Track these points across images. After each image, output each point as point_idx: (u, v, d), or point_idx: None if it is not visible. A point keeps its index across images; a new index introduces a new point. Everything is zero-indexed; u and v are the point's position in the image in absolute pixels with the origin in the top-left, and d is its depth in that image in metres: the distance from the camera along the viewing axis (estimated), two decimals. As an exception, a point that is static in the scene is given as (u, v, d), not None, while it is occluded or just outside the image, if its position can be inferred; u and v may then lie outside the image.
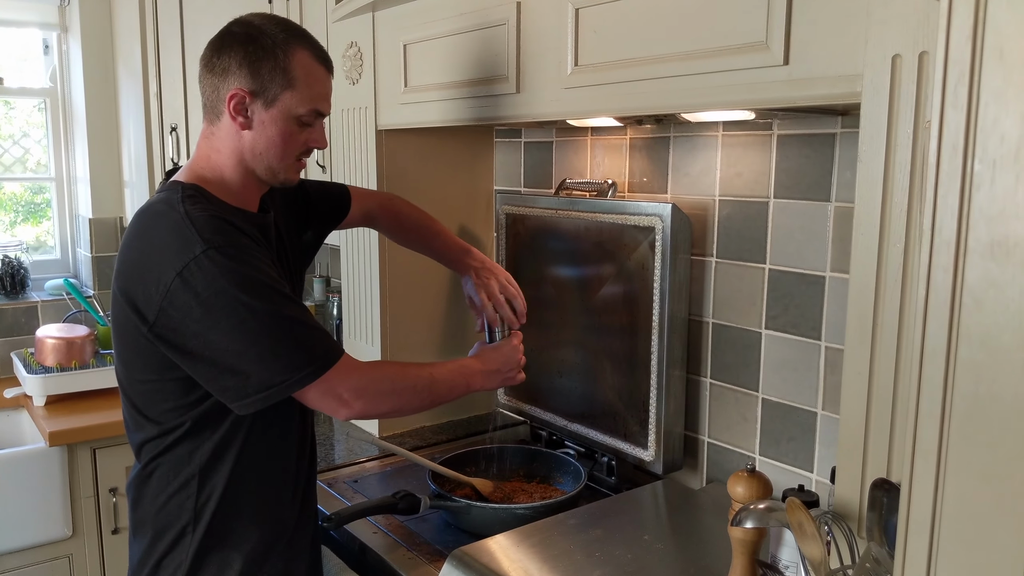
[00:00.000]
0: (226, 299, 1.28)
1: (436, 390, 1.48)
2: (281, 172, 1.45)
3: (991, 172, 0.69)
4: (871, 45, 0.98)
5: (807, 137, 1.55)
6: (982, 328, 0.70)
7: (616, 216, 1.79)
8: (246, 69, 1.38)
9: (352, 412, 1.38)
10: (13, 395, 2.89)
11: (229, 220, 1.36)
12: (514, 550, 1.44)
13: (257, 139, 1.41)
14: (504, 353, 1.63)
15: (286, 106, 1.40)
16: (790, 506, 1.01)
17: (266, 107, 1.39)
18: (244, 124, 1.40)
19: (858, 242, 1.02)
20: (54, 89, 3.48)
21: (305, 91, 1.41)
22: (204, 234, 1.29)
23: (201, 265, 1.27)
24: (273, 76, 1.38)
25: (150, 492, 1.44)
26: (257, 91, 1.38)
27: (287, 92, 1.39)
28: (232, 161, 1.43)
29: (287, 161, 1.44)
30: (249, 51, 1.38)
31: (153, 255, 1.32)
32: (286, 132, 1.41)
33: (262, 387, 1.31)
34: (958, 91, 0.71)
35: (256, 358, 1.30)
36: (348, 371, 1.37)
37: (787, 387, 1.63)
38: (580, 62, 1.48)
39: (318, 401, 1.37)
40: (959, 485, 0.73)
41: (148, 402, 1.41)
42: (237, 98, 1.38)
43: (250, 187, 1.47)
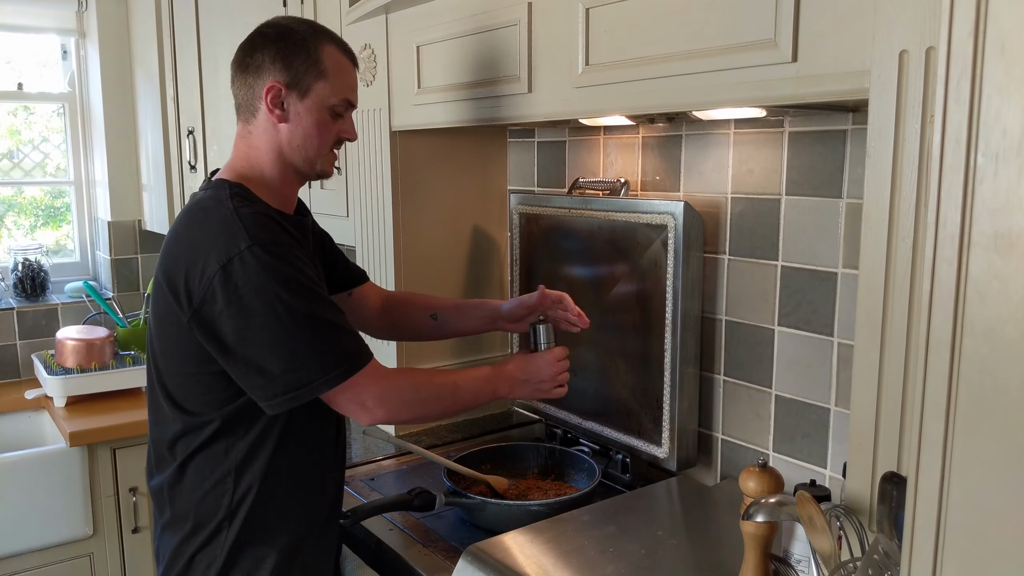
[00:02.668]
0: (265, 296, 1.31)
1: (460, 397, 1.50)
2: (318, 162, 1.50)
3: (994, 165, 0.69)
4: (878, 41, 0.98)
5: (818, 134, 1.56)
6: (986, 320, 0.71)
7: (629, 215, 1.80)
8: (280, 63, 1.44)
9: (374, 418, 1.40)
10: (34, 396, 2.92)
11: (274, 218, 1.40)
12: (529, 546, 1.45)
13: (294, 131, 1.46)
14: (541, 363, 1.59)
15: (320, 96, 1.45)
16: (800, 500, 1.01)
17: (301, 98, 1.44)
18: (281, 117, 1.45)
19: (867, 237, 1.02)
20: (72, 94, 3.52)
21: (336, 81, 1.46)
22: (251, 230, 1.33)
23: (244, 260, 1.31)
24: (306, 68, 1.44)
25: (185, 488, 1.46)
26: (291, 83, 1.44)
27: (320, 82, 1.45)
28: (271, 156, 1.47)
29: (323, 151, 1.49)
30: (281, 47, 1.44)
31: (199, 247, 1.35)
32: (321, 122, 1.46)
33: (289, 387, 1.33)
34: (960, 86, 0.71)
35: (286, 357, 1.33)
36: (374, 377, 1.39)
37: (800, 383, 1.64)
38: (591, 61, 1.49)
39: (343, 405, 1.39)
40: (965, 476, 0.74)
41: (187, 395, 1.43)
42: (273, 91, 1.44)
43: (289, 182, 1.51)
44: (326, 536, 1.55)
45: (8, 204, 3.47)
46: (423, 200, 2.21)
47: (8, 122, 3.43)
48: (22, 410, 2.96)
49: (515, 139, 2.32)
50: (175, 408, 1.45)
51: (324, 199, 2.50)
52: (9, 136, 3.44)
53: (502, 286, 2.37)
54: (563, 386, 1.61)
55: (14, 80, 3.38)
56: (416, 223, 2.20)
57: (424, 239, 2.23)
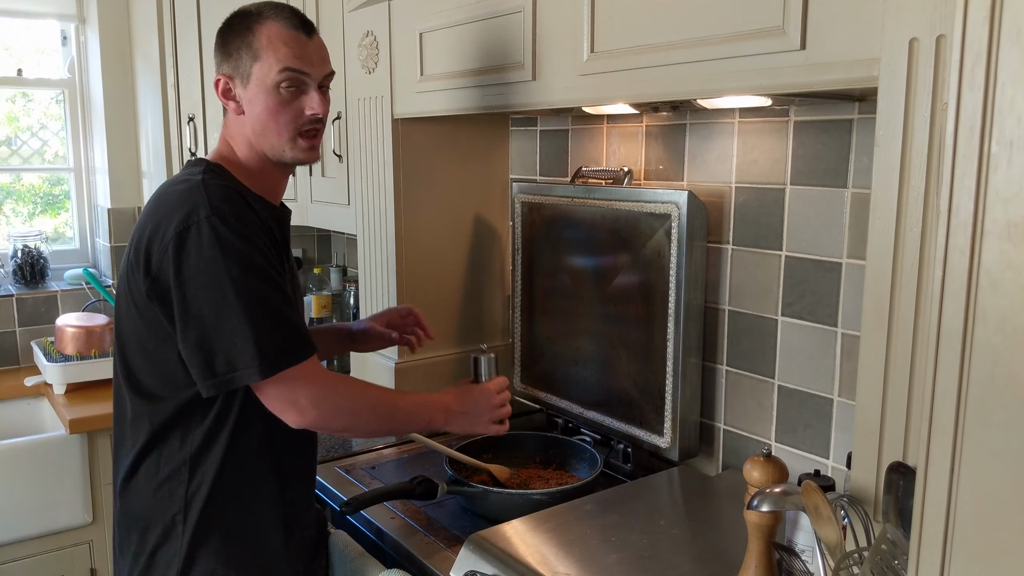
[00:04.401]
0: (214, 269, 1.28)
1: (396, 418, 1.45)
2: (287, 149, 1.44)
3: (1008, 153, 0.69)
4: (888, 29, 0.98)
5: (824, 123, 1.55)
6: (998, 310, 0.70)
7: (632, 204, 1.79)
8: (221, 54, 1.45)
9: (305, 419, 1.34)
10: (34, 383, 2.92)
11: (243, 196, 1.38)
12: (531, 535, 1.45)
13: (253, 120, 1.43)
14: (479, 396, 1.54)
15: (258, 78, 1.41)
16: (806, 489, 1.01)
17: (244, 86, 1.42)
18: (237, 108, 1.44)
19: (875, 227, 1.02)
20: (72, 80, 3.50)
21: (270, 56, 1.40)
22: (213, 201, 1.31)
23: (201, 230, 1.28)
24: (241, 54, 1.42)
25: (139, 482, 1.42)
26: (234, 72, 1.43)
27: (255, 65, 1.41)
28: (244, 147, 1.46)
29: (286, 136, 1.43)
30: (223, 37, 1.45)
31: (163, 216, 1.33)
32: (270, 105, 1.41)
33: (225, 369, 1.29)
34: (975, 72, 0.71)
35: (224, 337, 1.28)
36: (313, 377, 1.34)
37: (803, 374, 1.63)
38: (596, 48, 1.48)
39: (273, 400, 1.33)
40: (975, 466, 0.73)
41: (146, 375, 1.39)
42: (221, 84, 1.45)
43: (268, 173, 1.48)
44: (298, 529, 1.51)
45: (6, 191, 3.46)
46: (425, 188, 2.20)
47: (6, 109, 3.41)
48: (21, 397, 2.96)
49: (517, 127, 2.31)
50: (133, 391, 1.41)
51: (325, 187, 2.49)
52: (7, 123, 3.42)
53: (503, 275, 2.36)
54: (503, 422, 1.57)
55: (13, 66, 3.36)
56: (417, 212, 2.20)
57: (425, 228, 2.22)
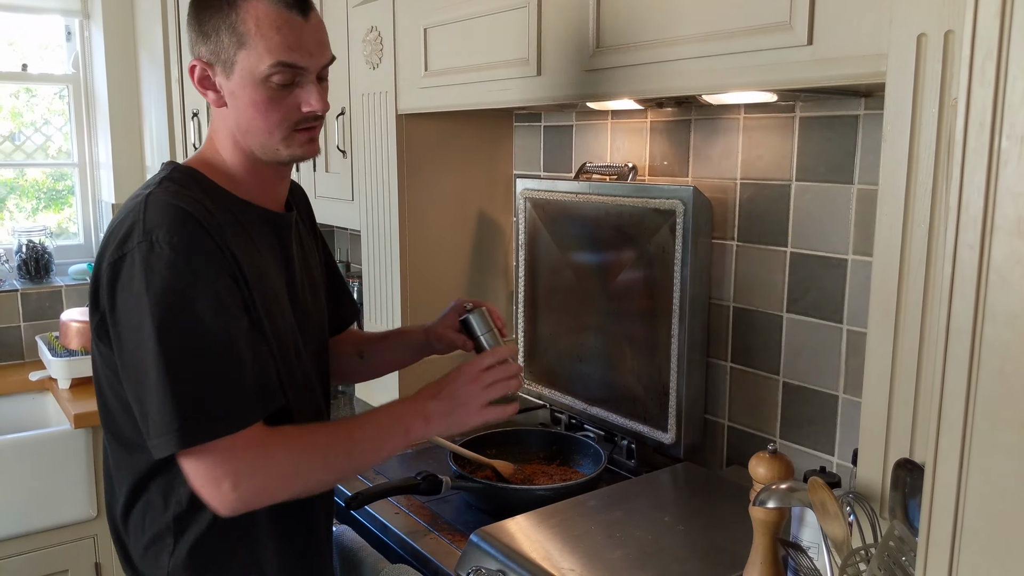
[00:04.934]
0: (139, 309, 1.07)
1: (356, 453, 1.20)
2: (282, 148, 1.23)
3: (1019, 148, 0.68)
4: (896, 24, 0.97)
5: (830, 119, 1.54)
6: (1008, 305, 0.70)
7: (636, 200, 1.79)
8: (196, 34, 1.21)
9: (226, 504, 1.09)
10: (38, 378, 2.92)
11: (196, 212, 1.14)
12: (535, 531, 1.45)
13: (236, 114, 1.21)
14: (458, 382, 1.27)
15: (245, 69, 1.18)
16: (812, 485, 1.01)
17: (227, 75, 1.20)
18: (218, 100, 1.23)
19: (882, 223, 1.02)
20: (77, 75, 3.50)
21: (260, 44, 1.16)
22: (148, 223, 1.10)
23: (133, 259, 1.08)
24: (222, 36, 1.18)
25: (129, 534, 1.26)
26: (213, 58, 1.20)
27: (240, 52, 1.17)
28: (228, 144, 1.25)
29: (279, 134, 1.22)
30: (199, 13, 1.20)
31: (106, 241, 1.16)
32: (259, 100, 1.19)
33: (159, 431, 1.07)
34: (985, 68, 0.70)
35: (147, 394, 1.07)
36: (241, 449, 1.09)
37: (808, 370, 1.63)
38: (602, 44, 1.48)
39: (192, 478, 1.10)
40: (984, 462, 0.73)
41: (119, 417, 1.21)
42: (197, 71, 1.22)
43: (259, 173, 1.27)
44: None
45: (10, 186, 3.46)
46: (428, 184, 2.20)
47: (11, 104, 3.41)
48: (26, 392, 2.97)
49: (521, 123, 2.31)
50: (111, 435, 1.25)
51: (329, 182, 2.49)
52: (11, 118, 3.42)
53: (507, 271, 2.36)
54: (505, 404, 1.31)
55: (18, 61, 3.37)
56: (421, 207, 2.19)
57: (429, 223, 2.22)
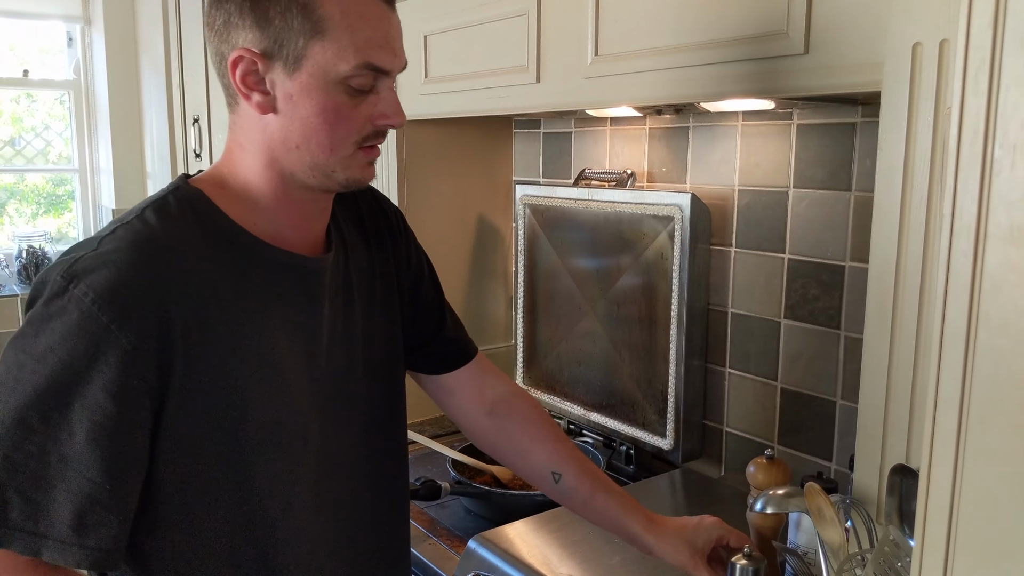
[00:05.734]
0: (9, 360, 0.85)
1: None
2: (339, 170, 0.96)
3: (1011, 157, 0.69)
4: (892, 34, 0.98)
5: (827, 126, 1.55)
6: (1001, 313, 0.71)
7: (635, 206, 1.80)
8: (250, 17, 0.91)
9: None
10: (38, 383, 2.92)
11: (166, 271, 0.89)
12: (533, 536, 1.45)
13: (289, 124, 0.93)
14: None
15: (319, 65, 0.91)
16: (809, 491, 1.02)
17: (289, 72, 0.91)
18: (264, 104, 0.93)
19: (878, 230, 1.02)
20: (78, 81, 3.52)
21: (345, 36, 0.90)
22: (83, 264, 0.86)
23: (40, 298, 0.86)
24: (290, 21, 0.90)
25: None
26: (271, 49, 0.91)
27: (316, 43, 0.90)
28: (260, 162, 0.97)
29: (341, 152, 0.95)
30: None
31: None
32: (330, 106, 0.92)
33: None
34: (979, 77, 0.71)
35: None
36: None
37: (806, 377, 1.64)
38: (601, 52, 1.49)
39: None
40: (978, 468, 0.74)
41: None
42: (244, 64, 0.92)
43: (293, 204, 0.99)
44: None
45: (11, 191, 3.47)
46: (428, 190, 2.21)
47: (11, 109, 3.42)
48: (25, 397, 2.97)
49: (521, 129, 2.32)
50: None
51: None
52: (12, 123, 3.44)
53: (506, 277, 2.37)
54: None
55: (19, 67, 3.38)
56: (421, 213, 2.20)
57: (429, 229, 2.22)
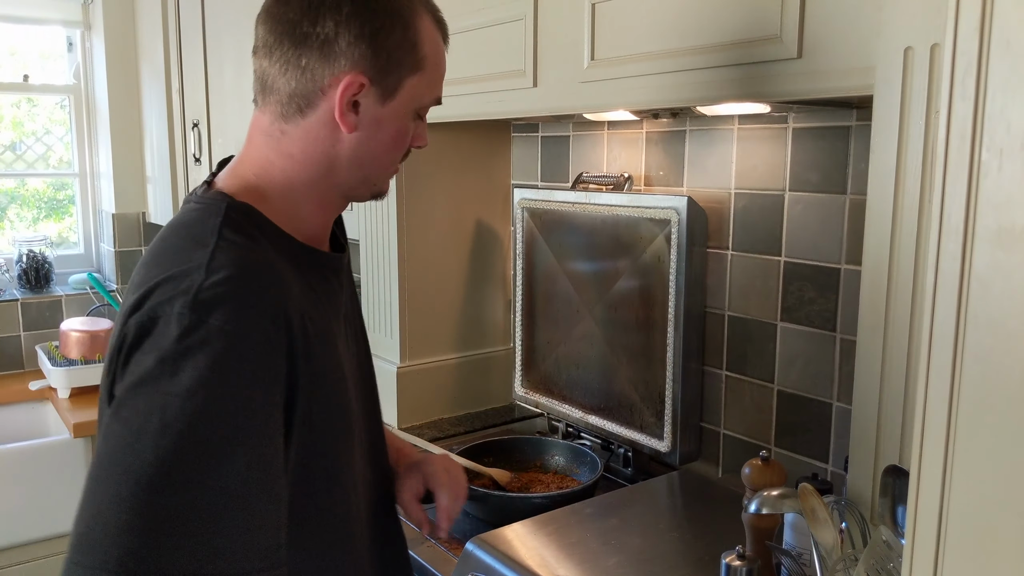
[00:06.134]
0: (149, 401, 0.82)
1: None
2: (380, 182, 1.06)
3: (998, 160, 0.70)
4: (883, 38, 0.99)
5: (822, 130, 1.56)
6: (989, 314, 0.71)
7: (632, 209, 1.81)
8: (366, 44, 0.94)
9: None
10: (38, 387, 2.94)
11: (275, 284, 0.89)
12: (531, 538, 1.46)
13: (365, 143, 0.99)
14: None
15: (411, 96, 0.99)
16: (803, 492, 1.02)
17: (384, 99, 0.98)
18: (350, 123, 0.97)
19: (870, 232, 1.03)
20: (78, 86, 3.53)
21: (433, 74, 1.01)
22: (206, 292, 0.84)
23: (165, 331, 0.83)
24: (400, 55, 0.96)
25: None
26: (376, 77, 0.96)
27: (414, 77, 0.98)
28: (314, 173, 1.00)
29: (392, 169, 1.05)
30: (372, 17, 0.94)
31: (147, 284, 0.87)
32: (400, 132, 1.01)
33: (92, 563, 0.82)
34: (966, 81, 0.72)
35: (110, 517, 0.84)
36: None
37: (802, 379, 1.64)
38: (596, 56, 1.50)
39: None
40: (967, 468, 0.75)
41: None
42: (353, 88, 0.95)
43: (327, 207, 1.05)
44: None
45: (11, 196, 3.48)
46: (427, 194, 2.22)
47: (12, 114, 3.44)
48: (26, 401, 2.98)
49: (519, 133, 2.32)
50: None
51: (328, 192, 2.50)
52: (13, 128, 3.45)
53: (505, 280, 2.37)
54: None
55: (19, 72, 3.39)
56: (419, 217, 2.21)
57: (428, 233, 2.23)
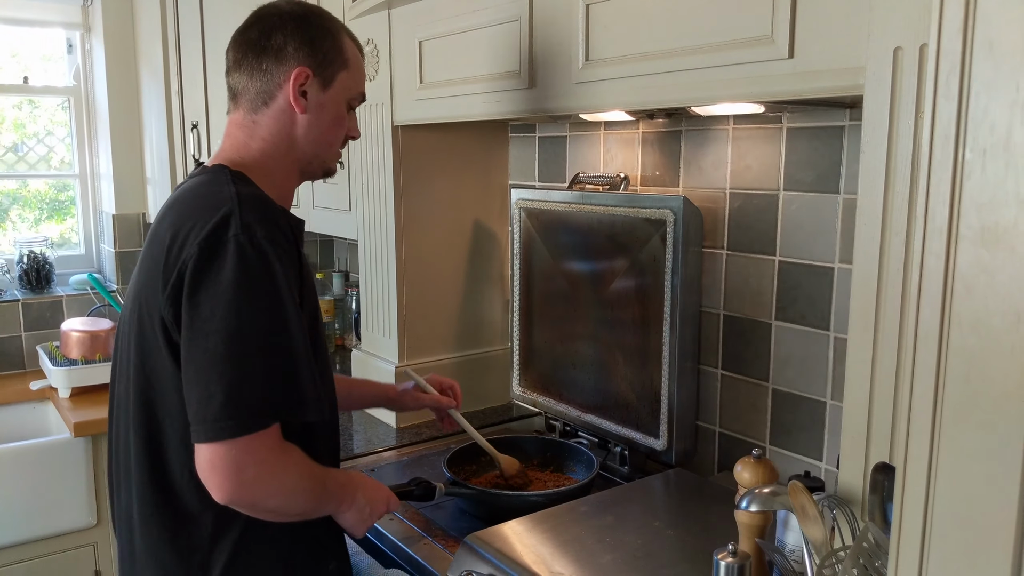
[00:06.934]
0: (228, 297, 1.15)
1: (320, 499, 1.30)
2: (329, 160, 1.42)
3: (981, 160, 0.71)
4: (874, 38, 1.00)
5: (816, 130, 1.57)
6: (973, 313, 0.72)
7: (628, 209, 1.82)
8: (307, 48, 1.33)
9: (239, 496, 1.17)
10: (39, 387, 2.94)
11: (273, 209, 1.27)
12: (527, 536, 1.47)
13: (313, 123, 1.35)
14: (380, 503, 1.44)
15: (343, 87, 1.36)
16: (792, 489, 1.03)
17: (323, 88, 1.35)
18: (302, 106, 1.33)
19: (861, 232, 1.04)
20: (78, 88, 3.54)
21: (357, 73, 1.39)
22: (247, 217, 1.19)
23: (228, 249, 1.16)
24: (330, 55, 1.34)
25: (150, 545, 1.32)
26: (317, 70, 1.34)
27: (343, 72, 1.36)
28: (280, 149, 1.36)
29: (335, 148, 1.41)
30: (307, 30, 1.33)
31: (187, 222, 1.21)
32: (338, 116, 1.38)
33: (216, 416, 1.14)
34: (950, 82, 0.73)
35: (220, 380, 1.14)
36: (271, 446, 1.18)
37: (797, 377, 1.65)
38: (591, 57, 1.51)
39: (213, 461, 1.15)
40: (952, 466, 0.75)
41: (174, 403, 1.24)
42: (301, 77, 1.32)
43: (290, 180, 1.40)
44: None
45: (13, 197, 3.49)
46: (425, 195, 2.23)
47: (13, 115, 3.45)
48: (27, 401, 2.99)
49: (516, 134, 2.33)
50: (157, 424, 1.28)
51: (327, 193, 2.51)
52: (14, 129, 3.46)
53: (502, 280, 2.38)
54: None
55: (19, 74, 3.40)
56: (418, 217, 2.22)
57: (425, 233, 2.24)
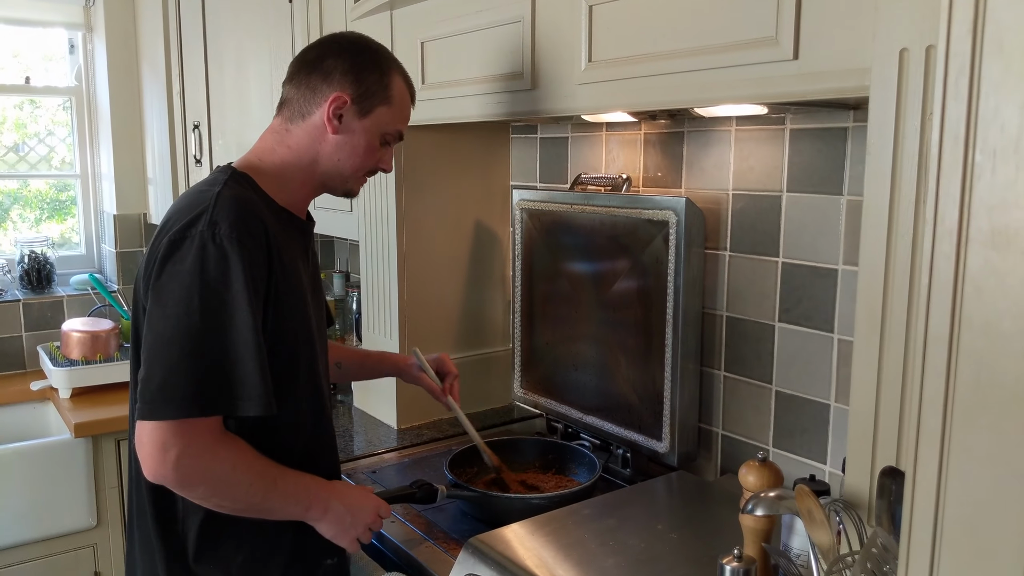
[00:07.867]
0: (184, 285, 1.25)
1: (269, 499, 1.34)
2: (350, 181, 1.50)
3: (991, 162, 0.70)
4: (879, 39, 0.99)
5: (819, 131, 1.56)
6: (983, 315, 0.72)
7: (630, 210, 1.81)
8: (351, 76, 1.44)
9: (161, 473, 1.25)
10: (39, 388, 2.94)
11: (258, 208, 1.35)
12: (529, 539, 1.46)
13: (342, 144, 1.45)
14: (368, 510, 1.46)
15: (379, 120, 1.46)
16: (799, 493, 1.02)
17: (360, 116, 1.45)
18: (336, 128, 1.44)
19: (867, 233, 1.03)
20: (79, 88, 3.53)
21: (398, 112, 1.49)
22: (216, 215, 1.28)
23: (192, 243, 1.26)
24: (373, 88, 1.45)
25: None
26: (357, 99, 1.44)
27: (383, 107, 1.46)
28: (304, 159, 1.46)
29: (359, 174, 1.50)
30: (357, 61, 1.45)
31: (170, 224, 1.31)
32: (370, 146, 1.47)
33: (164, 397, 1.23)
34: (959, 83, 0.72)
35: (168, 364, 1.24)
36: (201, 434, 1.26)
37: (800, 379, 1.64)
38: (593, 58, 1.50)
39: (146, 439, 1.24)
40: (962, 469, 0.75)
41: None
42: (338, 102, 1.43)
43: (307, 187, 1.50)
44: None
45: (14, 197, 3.48)
46: (426, 195, 2.22)
47: (14, 115, 3.44)
48: (27, 401, 2.98)
49: (518, 135, 2.33)
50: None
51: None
52: (15, 129, 3.45)
53: (504, 281, 2.38)
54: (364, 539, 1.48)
55: (21, 74, 3.40)
56: (419, 218, 2.21)
57: (427, 234, 2.24)
